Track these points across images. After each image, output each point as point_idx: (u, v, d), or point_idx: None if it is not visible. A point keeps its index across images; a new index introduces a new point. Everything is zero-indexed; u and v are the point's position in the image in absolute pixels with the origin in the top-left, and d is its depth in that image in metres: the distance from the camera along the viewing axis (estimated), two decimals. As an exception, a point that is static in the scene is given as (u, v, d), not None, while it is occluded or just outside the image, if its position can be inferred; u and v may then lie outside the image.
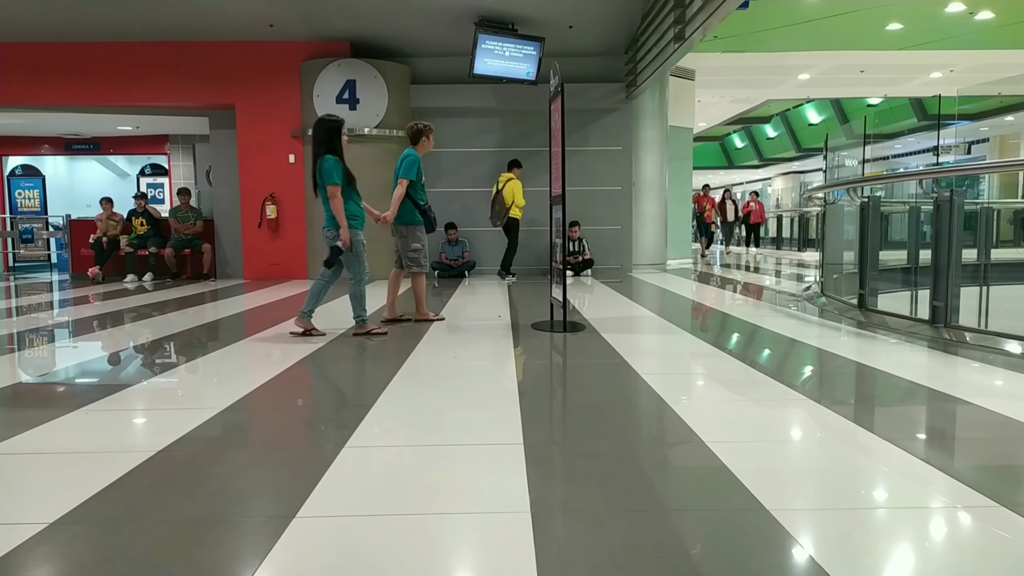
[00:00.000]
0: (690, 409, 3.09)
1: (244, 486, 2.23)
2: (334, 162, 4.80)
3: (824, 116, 21.22)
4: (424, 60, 10.56)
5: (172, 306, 7.20)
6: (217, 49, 9.99)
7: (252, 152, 9.86)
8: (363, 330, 5.02)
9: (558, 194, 5.29)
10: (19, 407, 3.29)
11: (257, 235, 10.19)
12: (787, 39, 11.10)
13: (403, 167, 5.34)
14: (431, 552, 1.77)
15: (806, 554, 1.71)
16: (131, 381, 3.81)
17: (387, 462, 2.45)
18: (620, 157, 10.84)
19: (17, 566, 1.69)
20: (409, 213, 5.39)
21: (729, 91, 15.71)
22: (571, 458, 2.49)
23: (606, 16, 9.13)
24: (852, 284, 5.96)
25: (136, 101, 10.28)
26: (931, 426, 2.98)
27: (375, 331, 5.06)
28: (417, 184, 5.38)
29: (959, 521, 1.94)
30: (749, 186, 29.30)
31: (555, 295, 5.47)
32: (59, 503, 2.03)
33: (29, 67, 9.92)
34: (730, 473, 2.23)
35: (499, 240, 10.80)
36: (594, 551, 1.72)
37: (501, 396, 3.29)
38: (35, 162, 15.43)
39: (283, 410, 3.37)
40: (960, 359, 4.11)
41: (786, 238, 21.09)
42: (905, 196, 7.82)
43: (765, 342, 4.99)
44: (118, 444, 2.70)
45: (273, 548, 1.75)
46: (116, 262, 10.40)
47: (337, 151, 4.86)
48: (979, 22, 10.74)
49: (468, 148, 10.79)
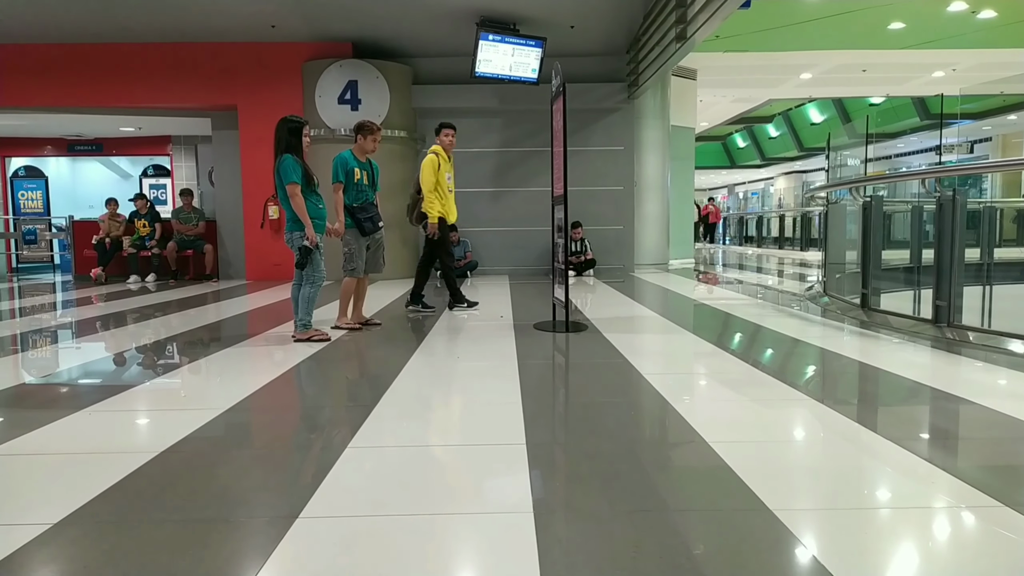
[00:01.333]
0: (692, 409, 3.09)
1: (247, 487, 2.23)
2: (292, 161, 4.75)
3: (826, 115, 21.20)
4: (426, 60, 10.56)
5: (175, 307, 7.21)
6: (219, 50, 10.01)
7: (254, 153, 9.88)
8: (304, 335, 4.87)
9: (560, 194, 5.29)
10: (23, 408, 3.30)
11: (259, 236, 10.20)
12: (789, 38, 11.10)
13: (332, 171, 5.23)
14: (434, 553, 1.77)
15: (809, 554, 1.71)
16: (134, 382, 3.82)
17: (390, 462, 2.45)
18: (622, 157, 10.84)
19: (21, 567, 1.70)
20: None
21: (731, 90, 15.71)
22: (574, 458, 2.49)
23: (608, 16, 9.13)
24: (855, 284, 5.96)
25: (138, 102, 10.30)
26: (934, 426, 2.98)
27: (316, 337, 4.89)
28: (349, 185, 5.22)
29: (962, 521, 1.94)
30: (751, 186, 29.31)
31: (557, 295, 5.47)
32: (63, 504, 2.03)
33: (32, 68, 9.94)
34: (733, 473, 2.23)
35: (504, 240, 10.82)
36: (597, 551, 1.73)
37: (503, 396, 3.29)
38: (38, 163, 15.46)
39: (286, 410, 3.37)
40: (963, 359, 4.11)
41: (788, 238, 21.06)
42: (908, 195, 7.81)
43: (767, 342, 4.99)
44: (121, 445, 2.71)
45: (276, 549, 1.76)
46: (119, 263, 10.42)
47: (296, 151, 4.80)
48: (981, 21, 10.72)
49: (470, 148, 10.79)
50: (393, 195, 10.20)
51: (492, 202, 10.85)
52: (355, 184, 5.25)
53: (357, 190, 5.27)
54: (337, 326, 5.34)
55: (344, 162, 5.22)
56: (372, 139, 5.31)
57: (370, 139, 5.30)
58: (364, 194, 5.31)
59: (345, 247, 5.31)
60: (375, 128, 5.32)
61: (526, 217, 10.68)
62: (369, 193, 5.36)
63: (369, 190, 5.36)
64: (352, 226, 5.25)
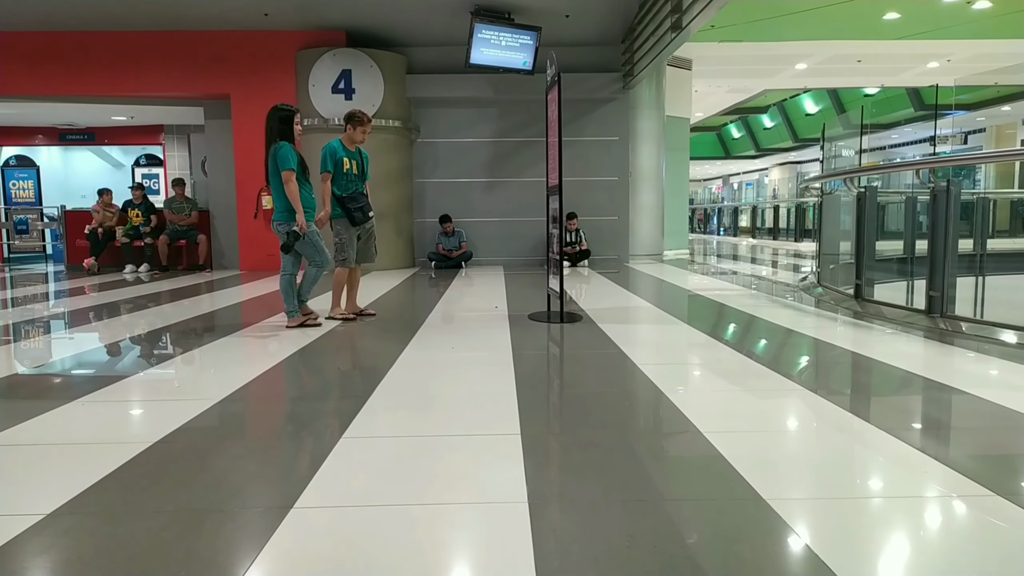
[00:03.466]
0: (687, 399, 3.09)
1: (241, 476, 2.23)
2: (289, 148, 4.82)
3: (821, 106, 21.19)
4: (420, 50, 10.51)
5: (168, 297, 7.18)
6: (212, 38, 9.92)
7: (247, 142, 9.80)
8: (295, 322, 5.01)
9: (555, 184, 5.28)
10: (15, 398, 3.28)
11: (253, 226, 10.15)
12: (784, 28, 11.07)
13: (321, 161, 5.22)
14: (428, 542, 1.77)
15: (803, 543, 1.71)
16: (127, 372, 3.81)
17: (384, 452, 2.45)
18: (617, 147, 10.82)
19: (14, 557, 1.69)
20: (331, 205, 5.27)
21: (726, 81, 15.67)
22: (568, 448, 2.49)
23: (603, 5, 9.08)
24: (848, 274, 5.98)
25: (131, 91, 10.21)
26: (927, 416, 3.00)
27: (309, 322, 5.07)
28: (338, 175, 5.20)
29: (955, 510, 1.95)
30: (745, 176, 29.31)
31: (552, 286, 5.47)
32: (56, 494, 2.03)
33: (22, 57, 9.84)
34: (727, 463, 2.24)
35: (499, 230, 10.82)
36: (591, 541, 1.73)
37: (498, 387, 3.29)
38: (29, 152, 15.35)
39: (280, 400, 3.37)
40: (956, 349, 4.13)
41: (783, 228, 21.09)
42: (902, 186, 7.82)
43: (762, 332, 5.00)
44: (114, 435, 2.70)
45: (271, 538, 1.76)
46: (112, 253, 10.37)
47: (289, 139, 4.87)
48: (976, 11, 10.71)
49: (464, 138, 10.77)
50: (389, 185, 10.19)
51: (487, 192, 10.83)
52: (344, 174, 5.22)
53: (347, 180, 5.24)
54: (331, 316, 5.33)
55: (333, 152, 5.19)
56: (362, 130, 5.28)
57: (360, 130, 5.27)
58: (354, 184, 5.28)
59: (336, 237, 5.30)
60: (365, 119, 5.29)
61: (521, 207, 10.66)
62: (358, 183, 5.33)
63: (359, 180, 5.33)
64: (342, 216, 5.24)
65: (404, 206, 10.54)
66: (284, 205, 4.85)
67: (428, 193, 10.83)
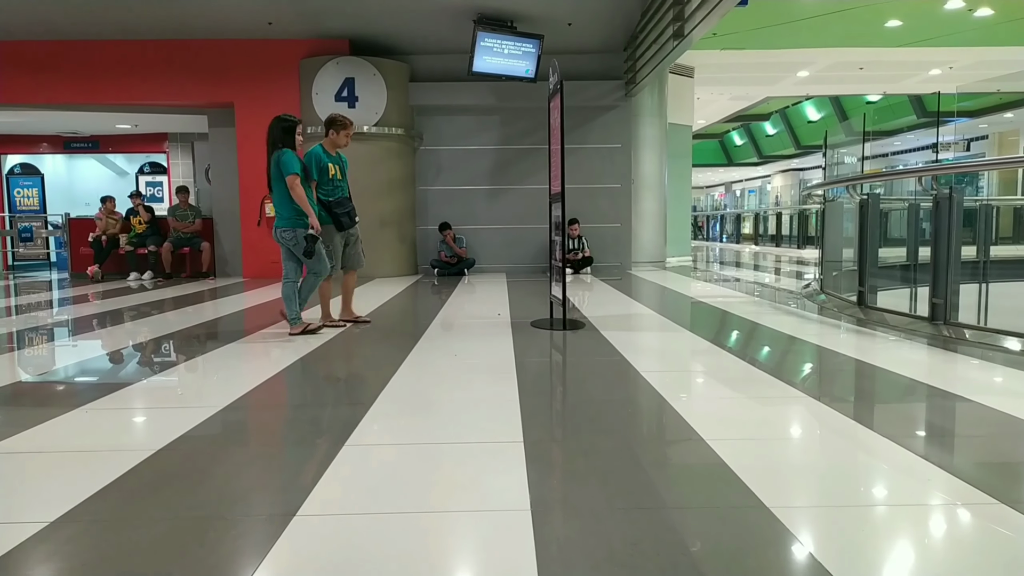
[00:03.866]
0: (690, 407, 3.09)
1: (244, 484, 2.23)
2: (292, 154, 4.84)
3: (823, 113, 21.20)
4: (423, 58, 10.55)
5: (171, 305, 7.20)
6: (216, 47, 9.98)
7: (251, 150, 9.82)
8: (298, 329, 5.01)
9: (557, 192, 5.29)
10: (19, 406, 3.29)
11: (256, 233, 10.16)
12: (786, 36, 11.10)
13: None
14: (431, 550, 1.77)
15: (806, 551, 1.71)
16: (130, 380, 3.81)
17: (387, 460, 2.45)
18: (619, 154, 10.84)
19: (17, 565, 1.69)
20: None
21: (728, 88, 15.70)
22: (571, 456, 2.49)
23: (605, 13, 9.12)
24: (851, 281, 5.97)
25: (135, 99, 10.27)
26: (931, 423, 2.99)
27: (311, 327, 5.08)
28: (323, 180, 5.17)
29: (959, 518, 1.94)
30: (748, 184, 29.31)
31: (554, 293, 5.47)
32: (59, 502, 2.03)
33: (27, 65, 9.90)
34: (730, 471, 2.23)
35: (501, 237, 10.83)
36: (594, 549, 1.73)
37: (501, 394, 3.28)
38: (34, 160, 15.41)
39: (282, 408, 3.37)
40: (959, 356, 4.11)
41: (785, 235, 21.08)
42: (904, 193, 7.82)
43: (764, 339, 4.99)
44: (118, 443, 2.70)
45: (273, 546, 1.75)
46: (115, 260, 10.40)
47: (292, 148, 4.89)
48: (978, 19, 10.73)
49: (467, 146, 10.80)
50: (392, 192, 10.22)
51: (489, 200, 10.84)
52: (329, 180, 5.19)
53: (332, 185, 5.21)
54: (324, 325, 5.32)
55: (317, 158, 5.16)
56: (344, 134, 5.24)
57: (343, 134, 5.23)
58: (339, 189, 5.26)
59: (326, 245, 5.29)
60: (348, 123, 5.25)
61: (523, 215, 10.68)
62: (343, 187, 5.31)
63: (343, 184, 5.31)
64: (329, 222, 5.20)
65: (407, 213, 10.56)
66: (287, 212, 4.86)
67: (431, 200, 10.85)
